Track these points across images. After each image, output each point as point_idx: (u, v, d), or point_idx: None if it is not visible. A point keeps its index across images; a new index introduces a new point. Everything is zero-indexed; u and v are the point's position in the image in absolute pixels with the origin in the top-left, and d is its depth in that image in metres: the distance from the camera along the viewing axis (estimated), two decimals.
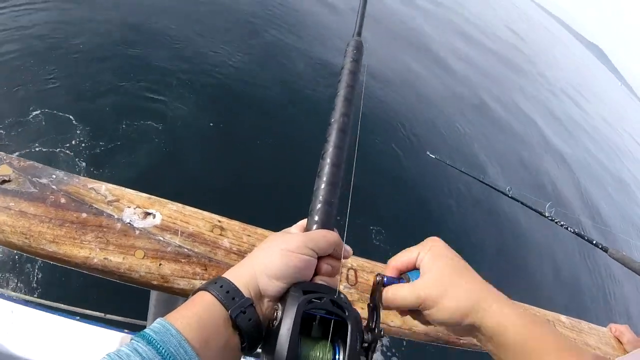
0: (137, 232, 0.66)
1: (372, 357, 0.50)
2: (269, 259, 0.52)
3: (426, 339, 0.81)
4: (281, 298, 0.50)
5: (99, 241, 0.62)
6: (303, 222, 0.60)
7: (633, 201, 14.97)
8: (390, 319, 0.78)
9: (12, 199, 0.62)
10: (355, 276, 0.81)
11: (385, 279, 0.59)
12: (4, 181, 0.64)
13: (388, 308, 0.59)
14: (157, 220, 0.68)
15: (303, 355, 0.46)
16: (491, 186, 2.61)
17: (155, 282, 0.63)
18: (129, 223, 0.66)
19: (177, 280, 0.64)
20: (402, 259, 0.62)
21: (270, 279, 0.51)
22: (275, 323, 0.47)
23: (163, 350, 0.40)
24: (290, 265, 0.51)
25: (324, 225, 0.57)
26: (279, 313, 0.47)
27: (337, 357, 0.46)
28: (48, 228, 0.61)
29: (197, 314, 0.46)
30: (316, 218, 0.58)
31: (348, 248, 0.59)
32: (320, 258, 0.55)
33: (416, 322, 0.61)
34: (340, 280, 0.78)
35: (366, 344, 0.49)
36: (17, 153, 3.43)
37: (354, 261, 0.84)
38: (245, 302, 0.48)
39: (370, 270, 0.83)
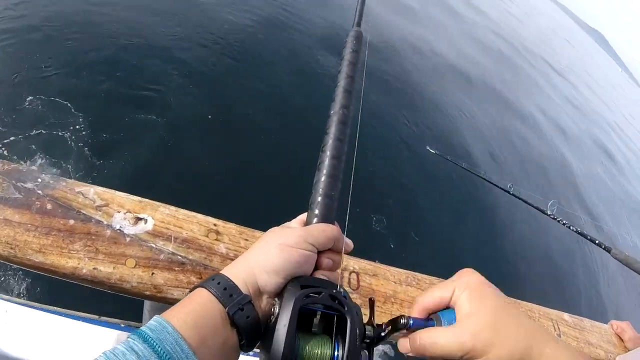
0: (128, 239, 0.62)
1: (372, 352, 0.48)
2: (267, 254, 0.51)
3: None
4: (279, 294, 0.49)
5: (88, 250, 0.59)
6: (303, 216, 0.59)
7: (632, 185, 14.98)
8: None
9: None
10: (357, 280, 0.78)
11: (411, 322, 0.50)
12: None
13: (421, 355, 0.51)
14: (149, 226, 0.65)
15: (301, 351, 0.44)
16: (492, 183, 2.58)
17: (148, 293, 0.60)
18: (119, 229, 0.63)
19: (170, 290, 0.61)
20: (434, 296, 0.52)
21: (270, 275, 0.49)
22: (273, 319, 0.45)
23: (159, 349, 0.39)
24: (290, 261, 0.50)
25: (324, 218, 0.56)
26: (276, 309, 0.46)
27: (336, 352, 0.45)
28: (34, 237, 0.58)
29: (194, 311, 0.44)
30: (316, 211, 0.56)
31: (349, 241, 0.57)
32: (320, 252, 0.54)
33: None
34: (342, 284, 0.76)
35: (368, 340, 0.48)
36: (12, 138, 3.39)
37: (356, 263, 0.81)
38: (243, 299, 0.47)
39: (373, 273, 0.81)
